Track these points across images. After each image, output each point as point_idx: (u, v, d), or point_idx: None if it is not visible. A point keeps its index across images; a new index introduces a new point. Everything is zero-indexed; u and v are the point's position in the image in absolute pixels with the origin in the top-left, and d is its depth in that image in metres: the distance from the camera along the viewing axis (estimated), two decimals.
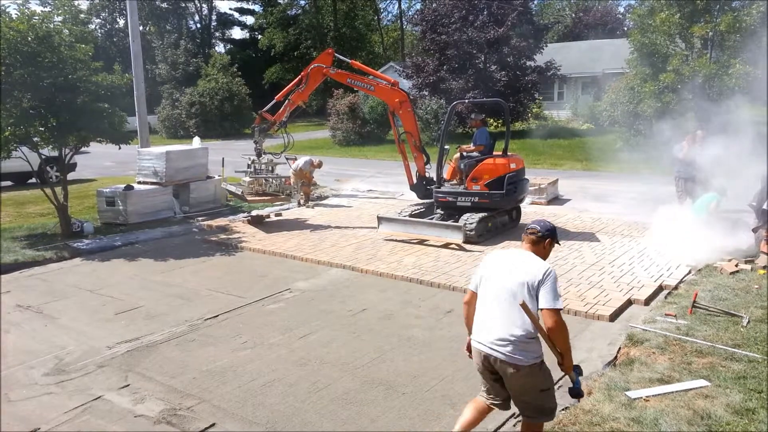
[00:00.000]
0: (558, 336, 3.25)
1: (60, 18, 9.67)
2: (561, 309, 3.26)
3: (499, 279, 3.40)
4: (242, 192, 10.70)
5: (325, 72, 10.55)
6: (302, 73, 10.55)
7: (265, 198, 10.94)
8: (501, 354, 3.32)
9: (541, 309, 3.24)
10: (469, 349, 3.67)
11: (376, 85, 10.71)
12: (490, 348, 3.36)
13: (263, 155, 10.67)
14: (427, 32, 26.94)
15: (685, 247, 7.79)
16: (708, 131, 9.68)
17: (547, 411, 3.49)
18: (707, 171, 9.00)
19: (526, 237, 3.55)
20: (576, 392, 3.47)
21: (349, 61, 11.57)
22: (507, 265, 3.44)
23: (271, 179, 10.93)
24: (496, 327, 3.35)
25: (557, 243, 3.62)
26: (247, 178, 10.70)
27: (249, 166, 10.77)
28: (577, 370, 3.45)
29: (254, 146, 10.62)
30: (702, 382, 4.47)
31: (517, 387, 3.41)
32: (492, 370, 3.46)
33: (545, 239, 3.51)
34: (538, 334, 3.31)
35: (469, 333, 3.62)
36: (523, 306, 3.20)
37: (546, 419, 3.52)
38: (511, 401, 3.57)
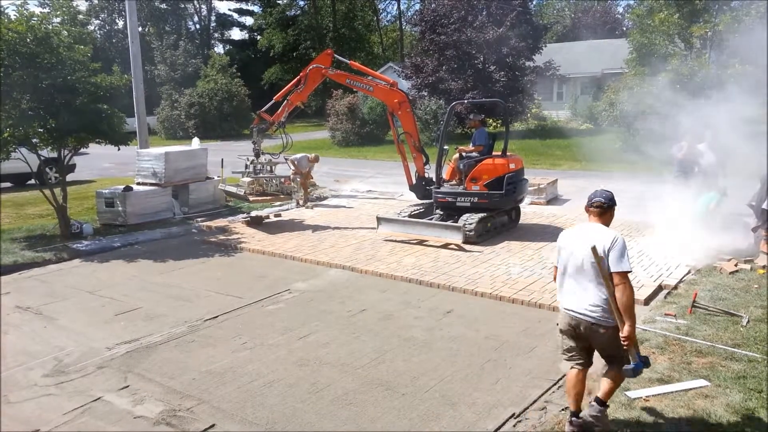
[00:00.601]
0: (621, 295, 3.55)
1: (59, 19, 9.66)
2: (628, 271, 3.59)
3: (578, 251, 3.75)
4: (244, 192, 10.70)
5: (324, 72, 10.56)
6: (301, 74, 10.55)
7: (266, 198, 10.94)
8: (591, 318, 3.71)
9: (611, 272, 3.59)
10: None
11: (375, 85, 10.71)
12: (580, 315, 3.76)
13: (262, 155, 10.67)
14: (426, 33, 26.93)
15: (684, 246, 7.79)
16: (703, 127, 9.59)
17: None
18: (710, 171, 8.97)
19: (592, 210, 3.86)
20: (634, 372, 3.67)
21: (348, 61, 11.58)
22: (581, 239, 3.77)
23: (272, 179, 10.93)
24: (585, 295, 3.73)
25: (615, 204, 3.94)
26: (246, 179, 10.69)
27: (246, 167, 10.76)
28: (643, 359, 3.69)
29: (252, 147, 10.62)
30: (702, 382, 4.47)
31: (604, 344, 3.77)
32: (577, 335, 3.84)
33: (611, 208, 3.84)
34: None
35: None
36: (597, 258, 3.57)
37: (627, 374, 3.74)
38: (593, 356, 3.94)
